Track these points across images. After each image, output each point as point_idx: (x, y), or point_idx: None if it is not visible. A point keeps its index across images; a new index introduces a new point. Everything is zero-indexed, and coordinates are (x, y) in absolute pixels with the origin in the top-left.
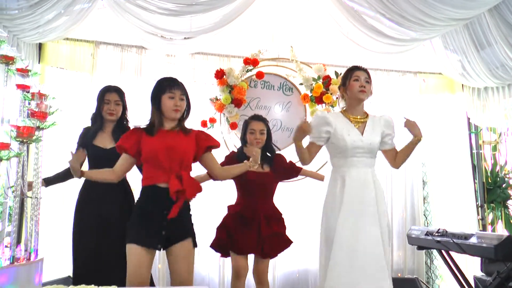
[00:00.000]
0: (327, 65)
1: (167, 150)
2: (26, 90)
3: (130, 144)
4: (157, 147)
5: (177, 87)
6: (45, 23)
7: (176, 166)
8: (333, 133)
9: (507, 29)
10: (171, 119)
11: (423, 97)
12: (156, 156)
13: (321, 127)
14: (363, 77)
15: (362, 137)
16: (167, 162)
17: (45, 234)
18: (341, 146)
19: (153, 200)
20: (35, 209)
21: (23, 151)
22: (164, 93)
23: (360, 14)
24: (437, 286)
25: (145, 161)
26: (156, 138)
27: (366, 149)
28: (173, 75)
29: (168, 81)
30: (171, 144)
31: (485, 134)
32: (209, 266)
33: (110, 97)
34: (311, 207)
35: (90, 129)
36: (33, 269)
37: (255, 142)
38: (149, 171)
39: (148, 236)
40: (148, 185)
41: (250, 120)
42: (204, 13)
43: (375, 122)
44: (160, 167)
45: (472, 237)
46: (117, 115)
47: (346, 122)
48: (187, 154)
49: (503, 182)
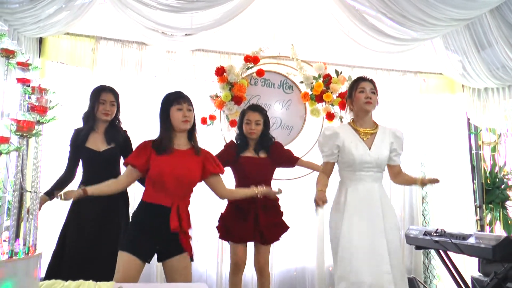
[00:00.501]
0: (328, 64)
1: (174, 176)
2: (26, 84)
3: (141, 162)
4: (166, 171)
5: (184, 99)
6: (45, 17)
7: (181, 191)
8: (342, 148)
9: (508, 30)
10: (180, 131)
11: (424, 97)
12: (162, 180)
13: (331, 143)
14: (368, 88)
15: (369, 152)
16: (173, 188)
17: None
18: (349, 161)
19: (152, 216)
20: (34, 203)
21: (23, 145)
22: (172, 106)
23: (361, 13)
24: (435, 286)
25: (150, 180)
26: (166, 159)
27: (374, 164)
28: (174, 71)
29: (175, 94)
30: (180, 171)
31: (485, 135)
32: (207, 263)
33: (106, 97)
34: (308, 206)
35: (81, 130)
36: (31, 263)
37: (250, 132)
38: (152, 190)
39: (142, 248)
40: (149, 202)
41: (247, 110)
42: (205, 10)
43: (385, 134)
44: (164, 189)
45: (470, 237)
46: (112, 116)
47: (354, 135)
48: (193, 181)
49: (502, 183)
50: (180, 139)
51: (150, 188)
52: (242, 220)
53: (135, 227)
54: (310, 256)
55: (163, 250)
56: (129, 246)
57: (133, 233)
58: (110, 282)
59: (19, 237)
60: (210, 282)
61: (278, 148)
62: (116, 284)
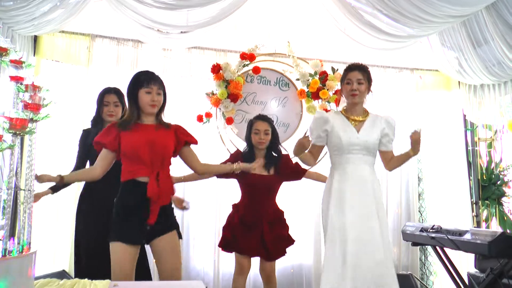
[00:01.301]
0: (324, 61)
1: (148, 144)
2: (19, 82)
3: (109, 139)
4: (138, 142)
5: (154, 82)
6: (40, 15)
7: (157, 160)
8: (330, 131)
9: (504, 26)
10: (148, 114)
11: (420, 94)
12: (137, 151)
13: (320, 127)
14: (355, 79)
15: (358, 135)
16: (148, 157)
17: (40, 228)
18: (337, 144)
19: (134, 195)
20: (28, 201)
21: (16, 143)
22: (141, 88)
23: (357, 10)
24: (431, 282)
25: (125, 156)
26: (136, 133)
27: (362, 146)
28: (170, 69)
29: (145, 75)
30: (152, 139)
31: (481, 131)
32: (204, 260)
33: (109, 99)
34: (305, 204)
35: (90, 131)
36: (25, 262)
37: (259, 142)
38: (129, 165)
39: (132, 232)
40: (128, 180)
41: (254, 120)
42: (201, 7)
43: (376, 120)
44: (141, 161)
45: (466, 233)
46: (117, 116)
47: (344, 121)
48: (168, 148)
49: (498, 179)
50: (148, 118)
51: (126, 165)
52: (248, 234)
53: (119, 212)
54: (306, 253)
55: (150, 230)
56: (118, 235)
57: (119, 220)
58: (106, 280)
59: (14, 235)
60: (208, 279)
61: (286, 163)
62: (111, 282)
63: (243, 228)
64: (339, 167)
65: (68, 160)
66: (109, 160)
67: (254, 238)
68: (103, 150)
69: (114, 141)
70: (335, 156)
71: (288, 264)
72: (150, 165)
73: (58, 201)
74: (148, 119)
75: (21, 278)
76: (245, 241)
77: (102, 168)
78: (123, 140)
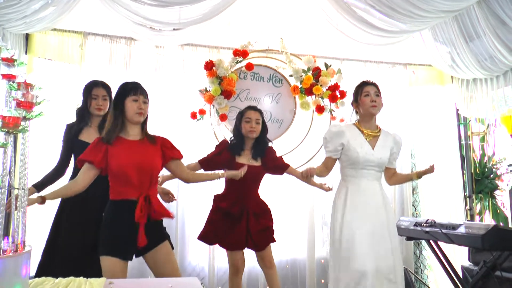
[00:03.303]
0: (317, 57)
1: (136, 167)
2: (11, 80)
3: (98, 158)
4: (126, 163)
5: (141, 91)
6: (31, 13)
7: (146, 181)
8: (346, 145)
9: (495, 21)
10: (134, 123)
11: (413, 89)
12: (125, 173)
13: (336, 140)
14: (372, 91)
15: (373, 152)
16: (137, 179)
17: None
18: (353, 158)
19: (124, 214)
20: (22, 200)
21: (9, 141)
22: (128, 96)
23: (350, 5)
24: (426, 276)
25: (113, 176)
26: (123, 151)
27: (376, 163)
28: (162, 66)
29: (132, 84)
30: (140, 160)
31: (474, 125)
32: (200, 256)
33: (97, 92)
34: (297, 200)
35: (73, 125)
36: (20, 261)
37: (250, 131)
38: (118, 186)
39: (121, 247)
40: (117, 200)
41: (246, 109)
42: (193, 4)
43: (387, 138)
44: (129, 183)
45: (460, 227)
46: (105, 110)
47: (359, 135)
48: (156, 168)
49: (491, 172)
50: (134, 130)
51: (115, 185)
52: (234, 227)
53: (109, 228)
54: (300, 249)
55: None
56: (108, 249)
57: (109, 234)
58: (102, 278)
59: (8, 234)
60: (203, 275)
61: (271, 154)
62: (107, 280)
63: (228, 222)
64: (352, 180)
65: None
66: (92, 176)
67: (240, 230)
68: (86, 165)
69: (103, 160)
70: (348, 170)
71: (283, 260)
72: (138, 187)
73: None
74: (134, 131)
75: (15, 277)
76: (232, 235)
77: (84, 182)
78: (110, 159)
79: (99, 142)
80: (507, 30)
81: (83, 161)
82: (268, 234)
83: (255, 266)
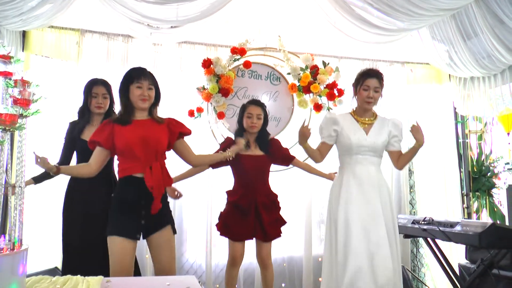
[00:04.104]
0: (315, 55)
1: (141, 141)
2: (8, 77)
3: (104, 137)
4: (131, 139)
5: (145, 77)
6: (28, 10)
7: (151, 156)
8: (340, 132)
9: (493, 19)
10: (140, 109)
11: (411, 87)
12: (131, 148)
13: (330, 127)
14: (372, 87)
15: (366, 137)
16: (142, 153)
17: (32, 225)
18: (347, 144)
19: (130, 191)
20: (19, 198)
21: (6, 139)
22: (132, 83)
23: (348, 3)
24: (423, 274)
25: (120, 153)
26: (129, 129)
27: (370, 148)
28: (160, 64)
29: (137, 71)
30: (145, 135)
31: (471, 123)
32: (197, 253)
33: (97, 91)
34: (294, 197)
35: (77, 123)
36: (16, 259)
37: (251, 126)
38: (124, 163)
39: (128, 227)
40: (124, 176)
41: (248, 104)
42: (191, 2)
43: (383, 123)
44: (135, 158)
45: (457, 225)
46: (105, 108)
47: (353, 123)
48: (161, 143)
49: (488, 171)
50: (142, 113)
51: (122, 162)
52: (242, 219)
53: (117, 207)
54: (298, 247)
55: (146, 226)
56: (116, 229)
57: (117, 214)
58: (99, 276)
59: (5, 233)
60: (200, 271)
61: (277, 145)
62: (104, 279)
63: (237, 215)
64: (348, 167)
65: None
66: (103, 158)
67: (249, 223)
68: (97, 148)
69: (108, 139)
70: (344, 157)
71: (280, 258)
72: (144, 161)
73: (49, 197)
74: (141, 115)
75: (12, 275)
76: (238, 227)
77: (97, 165)
78: (116, 137)
79: (106, 123)
80: (505, 28)
81: (92, 142)
82: (278, 226)
83: (252, 262)
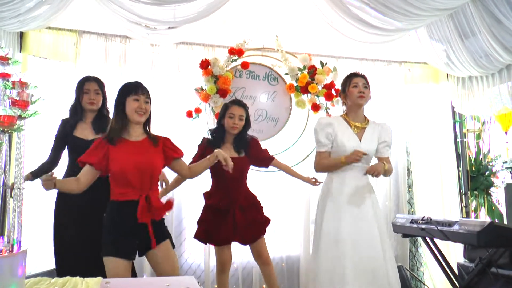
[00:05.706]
0: (313, 55)
1: (136, 168)
2: (6, 78)
3: (97, 159)
4: (126, 165)
5: (142, 91)
6: (25, 11)
7: (147, 183)
8: (334, 137)
9: (490, 19)
10: (135, 123)
11: (408, 87)
12: (125, 176)
13: (326, 132)
14: (361, 83)
15: (360, 144)
16: (137, 181)
17: (31, 227)
18: (341, 151)
19: (125, 214)
20: (18, 199)
21: (4, 140)
22: (129, 96)
23: (345, 4)
24: (422, 273)
25: (114, 177)
26: (124, 152)
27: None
28: (158, 65)
29: (134, 84)
30: (140, 161)
31: (469, 122)
32: (195, 254)
33: (89, 87)
34: (293, 197)
35: (68, 121)
36: (15, 261)
37: (232, 127)
38: (118, 188)
39: (124, 247)
40: (117, 200)
41: (230, 104)
42: (188, 3)
43: (374, 129)
44: (130, 184)
45: (455, 224)
46: (98, 105)
47: (346, 127)
48: (156, 169)
49: (486, 169)
50: (136, 130)
51: (115, 186)
52: (222, 222)
53: (110, 228)
54: (296, 246)
55: (142, 244)
56: (111, 250)
57: (111, 235)
58: (98, 277)
59: (3, 234)
60: (199, 272)
61: (256, 146)
62: (103, 280)
63: (218, 218)
64: (338, 172)
65: None
66: (94, 176)
67: (227, 225)
68: (87, 166)
69: (102, 161)
70: None
71: (279, 259)
72: (139, 188)
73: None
74: (136, 132)
75: (11, 277)
76: (222, 231)
77: (86, 182)
78: (111, 161)
79: (101, 142)
80: (502, 28)
81: (83, 162)
82: (255, 227)
83: (250, 261)
